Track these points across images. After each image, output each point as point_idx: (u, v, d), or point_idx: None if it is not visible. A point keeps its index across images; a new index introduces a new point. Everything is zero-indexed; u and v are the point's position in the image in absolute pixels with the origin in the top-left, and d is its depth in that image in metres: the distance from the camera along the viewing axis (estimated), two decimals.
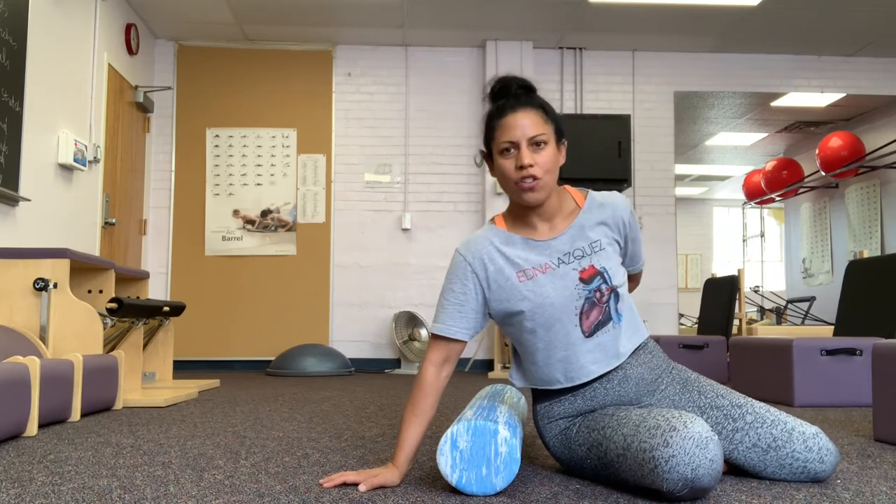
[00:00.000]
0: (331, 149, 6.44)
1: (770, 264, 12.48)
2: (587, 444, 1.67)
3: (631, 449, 1.50)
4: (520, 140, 1.65)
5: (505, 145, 1.67)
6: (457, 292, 1.73)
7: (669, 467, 1.40)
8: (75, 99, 4.78)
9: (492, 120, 1.72)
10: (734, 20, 6.00)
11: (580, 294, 1.69)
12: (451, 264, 1.76)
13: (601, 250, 1.73)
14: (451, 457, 1.58)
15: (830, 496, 1.56)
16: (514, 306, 1.71)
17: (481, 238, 1.76)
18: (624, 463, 1.53)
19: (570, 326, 1.69)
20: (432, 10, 5.85)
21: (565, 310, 1.69)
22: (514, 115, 1.67)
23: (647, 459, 1.45)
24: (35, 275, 3.16)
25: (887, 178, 7.65)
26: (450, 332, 1.71)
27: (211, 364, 6.24)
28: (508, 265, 1.72)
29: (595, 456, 1.64)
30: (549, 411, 1.77)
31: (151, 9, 5.86)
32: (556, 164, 1.70)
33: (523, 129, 1.65)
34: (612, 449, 1.57)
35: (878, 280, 4.01)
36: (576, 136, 6.12)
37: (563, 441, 1.75)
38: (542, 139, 1.66)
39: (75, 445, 2.25)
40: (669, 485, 1.41)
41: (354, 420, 2.89)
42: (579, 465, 1.72)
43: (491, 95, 1.76)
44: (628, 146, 6.13)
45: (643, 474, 1.46)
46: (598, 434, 1.64)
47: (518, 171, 1.65)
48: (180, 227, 6.31)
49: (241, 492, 1.60)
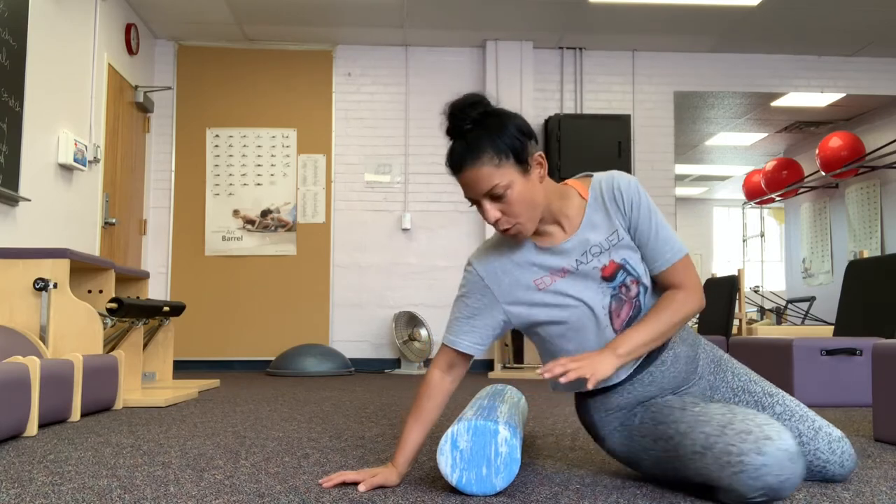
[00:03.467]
0: (331, 149, 6.44)
1: (770, 264, 12.48)
2: (653, 435, 1.59)
3: (714, 449, 1.43)
4: (478, 198, 1.58)
5: (470, 200, 1.62)
6: (470, 306, 1.71)
7: (759, 475, 1.37)
8: (75, 99, 4.78)
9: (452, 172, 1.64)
10: (734, 20, 6.00)
11: (605, 292, 1.63)
12: (465, 276, 1.73)
13: (619, 242, 1.64)
14: (451, 456, 1.58)
15: (830, 496, 1.56)
16: (537, 315, 1.67)
17: (493, 249, 1.71)
18: (700, 461, 1.46)
19: (602, 327, 1.64)
20: (432, 10, 5.85)
21: (593, 311, 1.64)
22: (462, 175, 1.59)
23: (733, 463, 1.39)
24: (35, 275, 3.16)
25: (887, 178, 7.65)
26: (459, 346, 1.70)
27: (211, 364, 6.24)
28: (525, 275, 1.66)
29: (661, 448, 1.57)
30: (605, 403, 1.70)
31: (151, 9, 5.86)
32: (533, 193, 1.57)
33: (476, 187, 1.56)
34: (688, 445, 1.49)
35: (878, 280, 4.01)
36: (576, 136, 6.13)
37: (624, 432, 1.68)
38: (499, 190, 1.54)
39: (75, 445, 2.25)
40: (751, 490, 1.38)
41: (354, 420, 2.89)
42: (637, 455, 1.65)
43: (447, 133, 1.66)
44: (628, 146, 6.13)
45: (722, 475, 1.41)
46: (668, 428, 1.56)
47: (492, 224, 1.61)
48: (180, 227, 6.31)
49: (241, 492, 1.60)
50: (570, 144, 6.07)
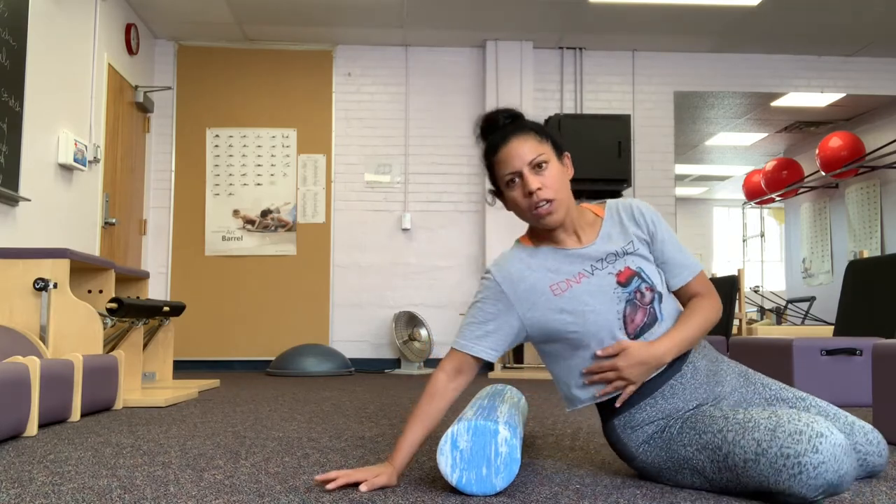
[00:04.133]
0: (331, 149, 6.44)
1: (770, 264, 12.48)
2: (697, 445, 1.55)
3: (768, 454, 1.41)
4: (520, 168, 1.65)
5: (508, 177, 1.67)
6: (485, 311, 1.71)
7: (817, 473, 1.37)
8: (75, 99, 4.78)
9: (489, 157, 1.72)
10: (734, 20, 6.00)
11: (620, 297, 1.65)
12: (482, 284, 1.74)
13: (634, 251, 1.71)
14: (451, 457, 1.58)
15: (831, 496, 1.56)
16: (553, 321, 1.66)
17: (510, 257, 1.74)
18: (755, 468, 1.43)
19: (615, 332, 1.64)
20: (432, 10, 5.85)
21: (607, 316, 1.64)
22: (507, 146, 1.67)
23: (790, 465, 1.38)
24: (35, 275, 3.16)
25: (887, 178, 7.65)
26: (471, 350, 1.70)
27: (211, 364, 6.24)
28: (541, 280, 1.68)
29: (707, 458, 1.53)
30: (630, 420, 1.66)
31: (151, 9, 5.86)
32: (565, 179, 1.71)
33: (521, 156, 1.65)
34: (739, 454, 1.46)
35: (878, 280, 4.01)
36: (576, 136, 6.13)
37: (660, 444, 1.63)
38: (542, 160, 1.66)
39: (75, 445, 2.25)
40: (812, 490, 1.38)
41: (354, 420, 2.89)
42: (678, 465, 1.60)
43: (481, 133, 1.75)
44: (628, 146, 6.13)
45: (780, 479, 1.40)
46: (714, 437, 1.52)
47: (528, 197, 1.66)
48: (180, 227, 6.31)
49: (241, 492, 1.60)
50: (570, 144, 6.03)
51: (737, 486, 1.51)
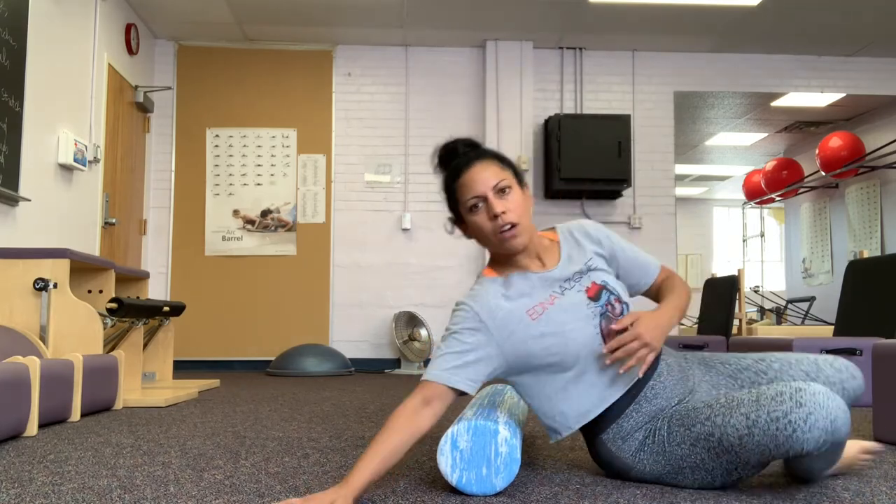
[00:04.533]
0: (331, 149, 6.44)
1: (770, 264, 12.48)
2: (690, 439, 1.56)
3: (758, 424, 1.44)
4: (485, 192, 1.66)
5: (472, 202, 1.67)
6: (462, 341, 1.63)
7: (809, 426, 1.39)
8: (75, 99, 4.78)
9: (451, 183, 1.72)
10: (734, 20, 6.00)
11: (594, 313, 1.66)
12: (457, 315, 1.67)
13: (596, 267, 1.74)
14: (451, 457, 1.58)
15: (830, 496, 1.56)
16: (534, 347, 1.63)
17: (483, 288, 1.70)
18: (750, 441, 1.45)
19: (595, 347, 1.63)
20: (432, 10, 5.85)
21: (586, 332, 1.63)
22: (470, 170, 1.68)
23: (781, 427, 1.41)
24: (35, 275, 3.16)
25: (887, 178, 7.65)
26: (443, 380, 1.59)
27: (211, 364, 6.24)
28: (517, 307, 1.65)
29: (703, 449, 1.54)
30: (619, 431, 1.66)
31: (151, 9, 5.86)
32: (528, 206, 1.72)
33: (484, 181, 1.66)
34: (731, 433, 1.48)
35: (878, 280, 4.01)
36: (576, 136, 6.13)
37: (655, 449, 1.62)
38: (506, 185, 1.66)
39: (75, 445, 2.25)
40: (810, 444, 1.40)
41: (354, 420, 2.89)
42: (676, 466, 1.60)
43: (440, 163, 1.76)
44: (628, 146, 6.13)
45: (777, 444, 1.42)
46: (703, 426, 1.54)
47: (493, 221, 1.65)
48: (180, 227, 6.31)
49: (241, 492, 1.60)
50: (570, 144, 6.07)
51: (739, 466, 1.52)
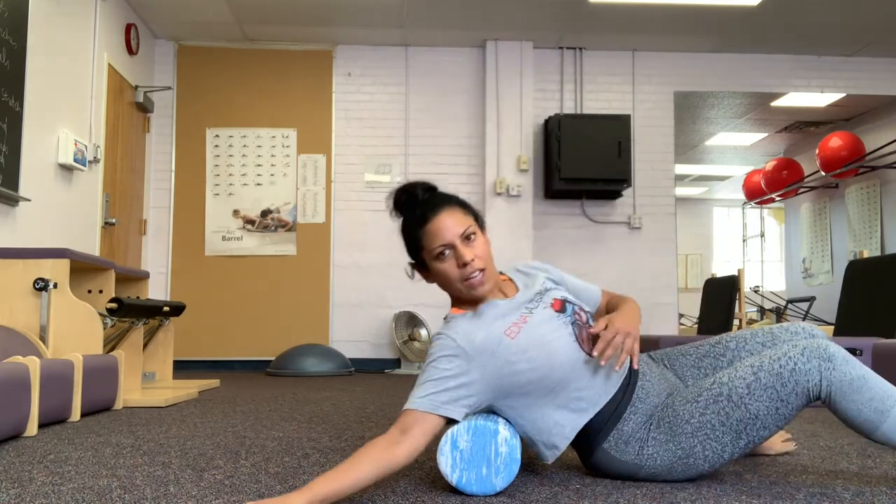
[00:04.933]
0: (331, 149, 6.44)
1: (770, 264, 12.48)
2: (698, 411, 1.60)
3: (763, 368, 1.57)
4: (452, 240, 1.66)
5: (440, 249, 1.67)
6: (442, 368, 1.59)
7: (806, 357, 1.55)
8: (75, 99, 4.78)
9: (415, 230, 1.71)
10: (734, 20, 6.00)
11: (565, 322, 1.68)
12: (434, 346, 1.65)
13: (551, 288, 1.79)
14: (451, 457, 1.58)
15: (830, 496, 1.56)
16: (519, 364, 1.61)
17: (456, 321, 1.68)
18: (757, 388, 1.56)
19: (576, 354, 1.64)
20: (432, 10, 5.85)
21: (565, 341, 1.64)
22: (437, 218, 1.67)
23: (784, 363, 1.56)
24: (35, 275, 3.16)
25: (887, 178, 7.65)
26: (425, 407, 1.54)
27: (211, 364, 6.24)
28: (494, 329, 1.64)
29: (713, 413, 1.58)
30: (620, 436, 1.66)
31: (151, 9, 5.86)
32: (489, 250, 1.73)
33: (452, 228, 1.66)
34: (739, 385, 1.58)
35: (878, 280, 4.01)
36: (576, 136, 6.13)
37: (661, 438, 1.63)
38: (471, 231, 1.68)
39: (75, 445, 2.25)
40: (813, 376, 1.53)
41: (354, 420, 2.89)
42: (688, 450, 1.61)
43: (399, 206, 1.75)
44: (628, 146, 6.13)
45: (783, 383, 1.55)
46: (710, 392, 1.61)
47: (461, 269, 1.66)
48: (180, 227, 6.31)
49: (241, 492, 1.60)
50: (570, 144, 6.07)
51: (749, 426, 1.58)
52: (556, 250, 6.48)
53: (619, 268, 6.52)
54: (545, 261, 6.43)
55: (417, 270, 1.78)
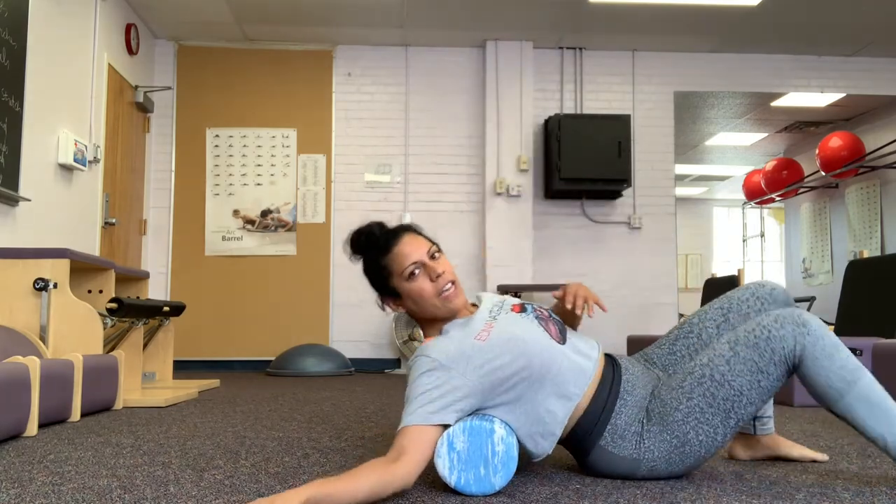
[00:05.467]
0: (331, 149, 6.44)
1: (770, 264, 12.48)
2: (685, 396, 1.63)
3: (739, 342, 1.62)
4: (422, 258, 1.72)
5: (411, 268, 1.71)
6: (422, 384, 1.60)
7: (780, 323, 1.60)
8: (75, 99, 4.78)
9: (380, 259, 1.76)
10: (734, 20, 6.00)
11: (530, 319, 1.74)
12: (413, 369, 1.66)
13: (509, 300, 1.85)
14: (448, 458, 1.58)
15: (830, 496, 1.56)
16: (499, 359, 1.64)
17: (427, 345, 1.69)
18: (737, 363, 1.61)
19: (547, 341, 1.69)
20: (432, 10, 5.85)
21: (536, 332, 1.69)
22: (401, 241, 1.74)
23: (758, 334, 1.61)
24: (35, 275, 3.16)
25: (887, 178, 7.65)
26: (412, 421, 1.54)
27: (211, 364, 6.24)
28: (464, 338, 1.67)
29: (699, 395, 1.62)
30: (615, 430, 1.68)
31: (151, 9, 5.86)
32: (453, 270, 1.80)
33: (418, 248, 1.73)
34: (719, 363, 1.63)
35: (878, 280, 4.01)
36: (576, 136, 6.13)
37: (654, 428, 1.65)
38: (435, 251, 1.75)
39: (75, 445, 2.25)
40: (788, 341, 1.58)
41: (354, 420, 2.89)
42: (682, 438, 1.63)
43: (359, 248, 1.80)
44: (628, 146, 6.13)
45: (761, 353, 1.59)
46: (693, 376, 1.65)
47: (435, 282, 1.71)
48: (180, 227, 6.31)
49: (241, 492, 1.60)
50: (570, 144, 6.07)
51: (736, 404, 1.61)
52: (556, 250, 6.48)
53: (619, 268, 6.52)
54: (544, 261, 6.44)
55: (388, 302, 1.81)
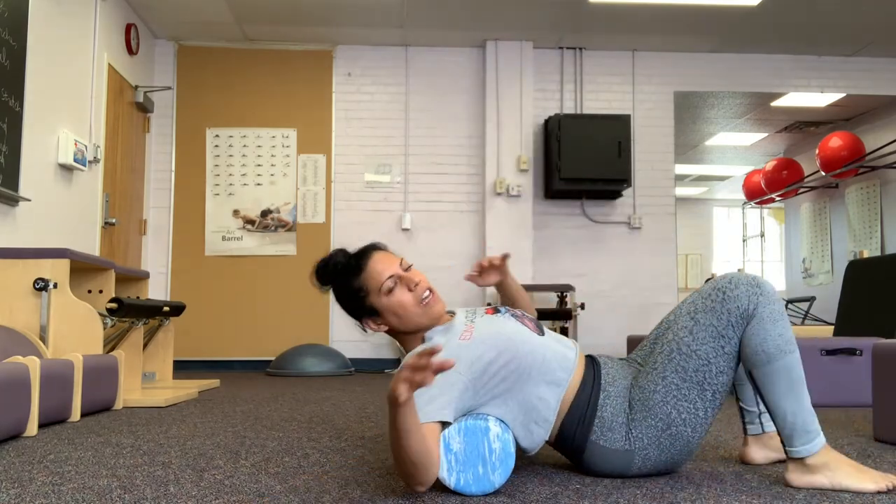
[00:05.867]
0: (331, 149, 6.44)
1: (770, 264, 12.48)
2: (660, 377, 1.67)
3: (698, 309, 1.67)
4: (397, 271, 1.76)
5: (389, 283, 1.75)
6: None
7: (734, 284, 1.64)
8: (75, 99, 4.78)
9: (354, 281, 1.77)
10: (734, 20, 6.00)
11: (506, 317, 1.79)
12: None
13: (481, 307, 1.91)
14: (445, 460, 1.58)
15: (831, 496, 1.56)
16: (485, 354, 1.66)
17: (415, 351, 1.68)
18: (699, 331, 1.65)
19: (528, 334, 1.73)
20: (432, 10, 5.85)
21: (512, 325, 1.74)
22: (373, 260, 1.78)
23: (714, 297, 1.65)
24: (35, 275, 3.16)
25: (887, 178, 7.65)
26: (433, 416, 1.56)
27: (211, 364, 6.24)
28: (449, 341, 1.70)
29: (672, 372, 1.66)
30: (603, 423, 1.69)
31: (151, 9, 5.86)
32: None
33: (392, 263, 1.78)
34: (683, 335, 1.67)
35: (878, 280, 4.01)
36: (576, 136, 6.13)
37: (639, 416, 1.67)
38: (407, 264, 1.79)
39: (75, 445, 2.25)
40: (742, 300, 1.62)
41: (354, 420, 2.89)
42: (667, 420, 1.65)
43: (328, 276, 1.82)
44: (628, 146, 6.13)
45: (718, 317, 1.64)
46: (661, 354, 1.69)
47: (414, 291, 1.75)
48: (180, 227, 6.31)
49: (241, 492, 1.60)
50: (570, 144, 6.07)
51: (708, 375, 1.65)
52: (556, 250, 6.48)
53: (619, 268, 6.52)
54: (544, 261, 6.44)
55: (367, 323, 1.82)
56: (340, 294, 1.82)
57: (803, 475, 1.62)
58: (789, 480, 1.64)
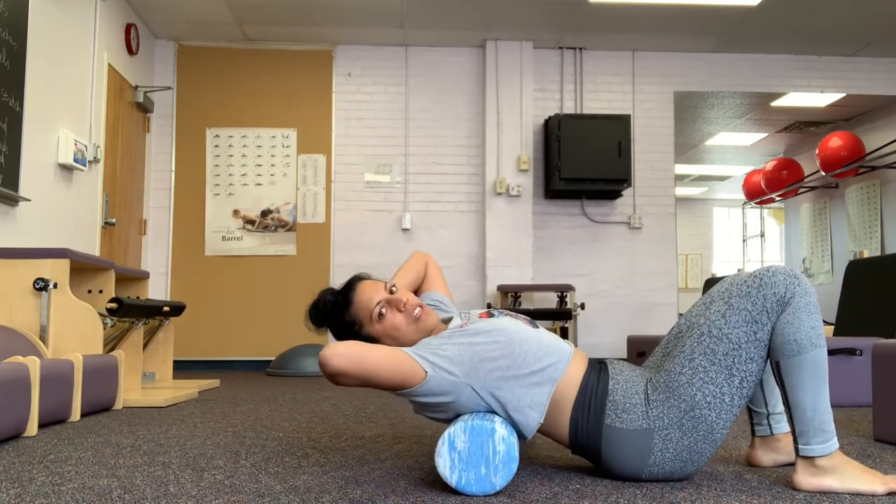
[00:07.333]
0: (331, 149, 6.44)
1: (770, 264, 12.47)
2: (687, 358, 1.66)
3: (732, 294, 1.66)
4: (384, 296, 1.81)
5: (378, 308, 1.79)
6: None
7: (771, 273, 1.65)
8: (75, 99, 4.78)
9: (345, 314, 1.84)
10: (734, 20, 6.00)
11: (500, 317, 1.82)
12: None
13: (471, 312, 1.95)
14: (449, 458, 1.58)
15: (830, 496, 1.56)
16: (480, 344, 1.69)
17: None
18: (732, 316, 1.64)
19: (521, 325, 1.77)
20: (432, 10, 5.85)
21: (505, 320, 1.78)
22: (359, 290, 1.83)
23: (750, 283, 1.65)
24: (35, 275, 3.16)
25: (887, 178, 7.65)
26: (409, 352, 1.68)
27: (211, 364, 6.24)
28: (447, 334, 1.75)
29: (700, 354, 1.65)
30: (615, 405, 1.68)
31: (151, 9, 5.86)
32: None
33: (376, 289, 1.82)
34: (716, 319, 1.66)
35: (878, 280, 4.01)
36: (576, 136, 6.13)
37: (660, 396, 1.66)
38: (392, 286, 1.83)
39: (75, 445, 2.25)
40: (780, 287, 1.62)
41: (354, 420, 2.89)
42: (688, 397, 1.63)
43: (322, 317, 1.90)
44: (628, 146, 6.13)
45: (754, 302, 1.63)
46: (691, 336, 1.68)
47: (404, 311, 1.79)
48: (180, 227, 6.31)
49: (241, 492, 1.60)
50: (570, 144, 6.07)
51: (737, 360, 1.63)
52: (556, 250, 6.48)
53: (619, 268, 6.52)
54: (544, 261, 6.44)
55: None
56: (337, 332, 1.87)
57: (812, 477, 1.60)
58: (797, 482, 1.61)
